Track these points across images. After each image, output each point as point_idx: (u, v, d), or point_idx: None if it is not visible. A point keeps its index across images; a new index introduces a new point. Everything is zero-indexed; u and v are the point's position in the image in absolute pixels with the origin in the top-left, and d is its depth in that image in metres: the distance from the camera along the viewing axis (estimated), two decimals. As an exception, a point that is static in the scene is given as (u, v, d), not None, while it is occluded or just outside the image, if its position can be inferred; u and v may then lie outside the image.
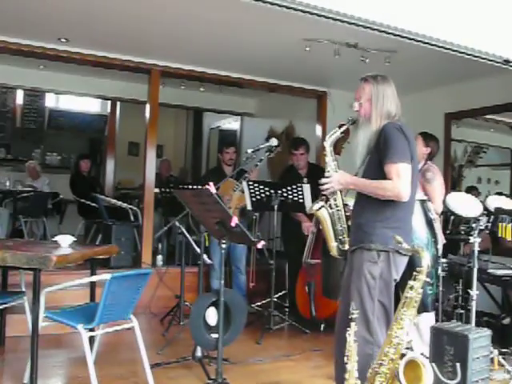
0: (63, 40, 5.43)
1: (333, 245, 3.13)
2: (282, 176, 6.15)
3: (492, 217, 3.71)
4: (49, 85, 8.06)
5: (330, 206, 3.09)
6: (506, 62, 4.03)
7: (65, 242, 3.85)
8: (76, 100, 10.27)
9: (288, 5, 3.19)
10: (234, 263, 5.79)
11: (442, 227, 4.02)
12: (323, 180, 3.02)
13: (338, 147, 4.60)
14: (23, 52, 5.63)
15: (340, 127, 3.09)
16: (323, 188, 3.02)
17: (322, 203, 3.10)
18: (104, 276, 3.17)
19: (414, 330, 3.65)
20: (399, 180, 2.76)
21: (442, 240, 4.17)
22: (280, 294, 5.82)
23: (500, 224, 3.68)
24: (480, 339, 3.10)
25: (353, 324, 2.51)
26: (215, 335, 3.66)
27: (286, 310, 5.71)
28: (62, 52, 5.69)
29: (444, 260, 4.45)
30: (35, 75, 7.61)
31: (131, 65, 6.08)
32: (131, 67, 6.15)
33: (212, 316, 3.81)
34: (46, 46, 5.59)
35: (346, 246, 3.07)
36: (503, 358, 3.99)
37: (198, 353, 4.01)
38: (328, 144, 3.10)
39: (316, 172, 5.59)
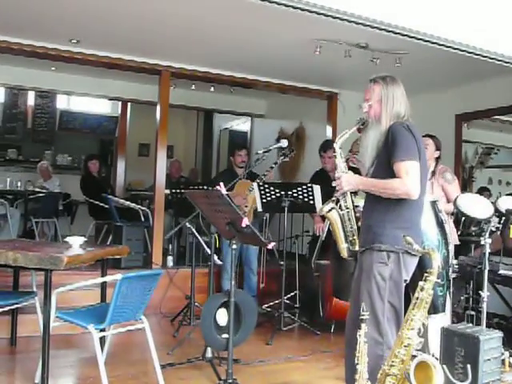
0: (74, 41, 5.47)
1: (343, 246, 3.13)
2: (311, 180, 6.10)
3: (503, 218, 3.69)
4: (60, 86, 8.12)
5: (340, 207, 3.09)
6: (518, 62, 4.02)
7: (76, 242, 3.87)
8: (87, 101, 10.33)
9: (296, 5, 3.20)
10: (247, 264, 5.79)
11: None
12: (334, 182, 3.03)
13: (354, 147, 4.59)
14: (36, 54, 5.67)
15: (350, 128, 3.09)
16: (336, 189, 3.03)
17: (332, 205, 3.10)
18: (115, 276, 3.18)
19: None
20: (408, 177, 2.76)
21: (455, 240, 4.17)
22: (290, 294, 5.82)
23: (511, 225, 3.66)
24: (491, 341, 3.09)
25: (363, 325, 2.51)
26: (226, 336, 3.66)
27: (297, 310, 5.71)
28: (73, 53, 5.73)
29: (455, 261, 4.43)
30: (47, 77, 7.67)
31: (142, 66, 6.11)
32: (142, 68, 6.18)
33: (222, 316, 3.82)
34: (57, 47, 5.62)
35: (356, 247, 3.06)
36: (515, 360, 3.96)
37: (209, 353, 4.03)
38: (338, 145, 3.10)
39: None
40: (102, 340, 3.60)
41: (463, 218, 3.70)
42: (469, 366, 2.94)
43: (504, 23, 3.73)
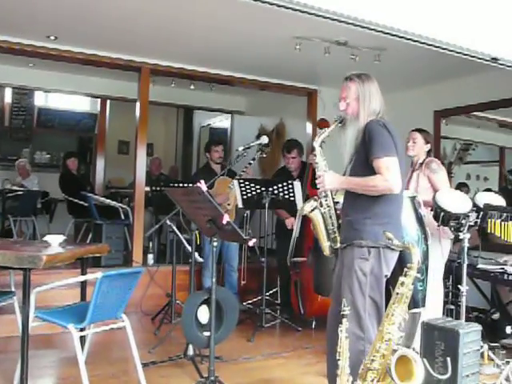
0: (52, 38, 5.40)
1: (326, 245, 3.14)
2: (274, 177, 6.14)
3: (481, 213, 3.73)
4: (38, 83, 8.03)
5: (322, 205, 3.10)
6: (494, 59, 4.05)
7: (55, 241, 3.83)
8: (65, 98, 10.20)
9: (278, 3, 3.19)
10: (227, 261, 5.79)
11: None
12: (316, 181, 3.04)
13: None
14: (12, 50, 5.59)
15: (319, 127, 3.10)
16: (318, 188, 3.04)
17: (314, 204, 3.11)
18: (95, 275, 3.15)
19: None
20: (389, 173, 2.79)
21: (450, 235, 4.18)
22: (271, 291, 5.83)
23: (489, 220, 3.70)
24: (470, 334, 3.13)
25: (344, 320, 2.52)
26: (207, 333, 3.66)
27: (278, 307, 5.73)
28: (51, 50, 5.67)
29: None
30: (24, 73, 7.57)
31: (121, 63, 6.06)
32: (121, 65, 6.13)
33: (204, 314, 3.81)
34: (35, 43, 5.56)
35: (338, 245, 3.08)
36: (493, 353, 4.02)
37: (190, 351, 4.02)
38: (317, 144, 3.11)
39: (305, 170, 5.62)
40: (83, 339, 3.56)
41: (442, 213, 3.73)
42: (449, 359, 2.97)
43: (481, 21, 3.76)
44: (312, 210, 3.11)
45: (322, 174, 3.02)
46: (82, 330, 3.34)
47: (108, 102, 9.15)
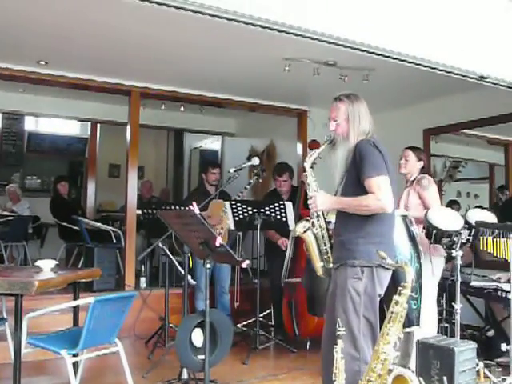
0: (42, 63, 5.41)
1: (318, 265, 3.14)
2: (264, 199, 6.14)
3: (473, 230, 3.74)
4: (28, 108, 8.02)
5: (314, 225, 3.10)
6: (482, 77, 4.10)
7: (47, 266, 3.80)
8: (55, 123, 10.22)
9: (269, 26, 3.23)
10: (219, 283, 5.76)
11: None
12: (308, 202, 3.04)
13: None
14: (2, 75, 5.59)
15: (310, 147, 3.12)
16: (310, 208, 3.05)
17: (307, 225, 3.11)
18: (87, 300, 3.13)
19: None
20: (381, 192, 2.80)
21: (443, 252, 4.18)
22: (265, 313, 5.79)
23: (481, 237, 3.72)
24: (466, 352, 3.12)
25: (340, 341, 2.51)
26: (201, 356, 3.62)
27: (272, 328, 5.69)
28: (42, 75, 5.68)
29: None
30: (14, 98, 7.58)
31: (111, 87, 6.08)
32: (111, 89, 6.15)
33: (198, 337, 3.78)
34: (25, 69, 5.57)
35: (331, 265, 3.08)
36: (489, 371, 4.00)
37: (185, 375, 3.98)
38: (308, 165, 3.13)
39: (296, 194, 5.63)
40: (76, 365, 3.52)
41: (434, 231, 3.74)
42: (445, 377, 2.96)
43: (468, 40, 3.82)
44: (305, 231, 3.12)
45: (313, 194, 3.03)
46: (75, 355, 3.30)
47: (98, 125, 9.15)
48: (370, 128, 3.02)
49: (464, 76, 4.09)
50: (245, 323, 5.72)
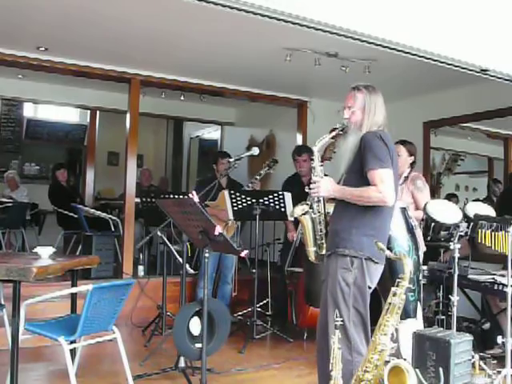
0: (42, 49, 5.40)
1: (311, 249, 3.15)
2: (284, 186, 6.08)
3: (471, 223, 3.75)
4: (27, 94, 8.00)
5: (313, 209, 3.10)
6: (483, 70, 4.10)
7: (45, 253, 3.80)
8: (55, 109, 10.19)
9: (269, 14, 3.21)
10: (223, 271, 5.76)
11: (422, 234, 4.05)
12: (311, 185, 3.04)
13: (327, 152, 4.63)
14: (2, 61, 5.57)
15: (330, 132, 3.11)
16: (311, 192, 3.05)
17: (306, 208, 3.11)
18: (86, 287, 3.13)
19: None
20: (383, 185, 2.80)
21: (422, 247, 4.22)
22: (262, 302, 5.81)
23: (479, 230, 3.72)
24: (461, 344, 3.13)
25: (337, 331, 2.52)
26: (199, 345, 3.64)
27: (269, 318, 5.71)
28: (41, 61, 5.66)
29: (425, 267, 4.49)
30: (13, 84, 7.55)
31: (111, 74, 6.06)
32: (111, 76, 6.13)
33: (196, 326, 3.79)
34: (25, 55, 5.55)
35: (323, 251, 3.08)
36: (484, 363, 4.02)
37: (182, 363, 3.99)
38: (317, 149, 3.11)
39: None
40: (73, 352, 3.53)
41: (433, 224, 3.75)
42: (441, 369, 2.97)
43: (470, 32, 3.81)
44: (303, 214, 3.12)
45: (318, 179, 3.03)
46: (72, 342, 3.31)
47: (98, 113, 9.13)
48: (383, 121, 3.02)
49: (464, 68, 4.08)
50: (242, 313, 5.74)
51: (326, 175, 3.11)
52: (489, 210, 3.99)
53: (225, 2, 3.05)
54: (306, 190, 3.09)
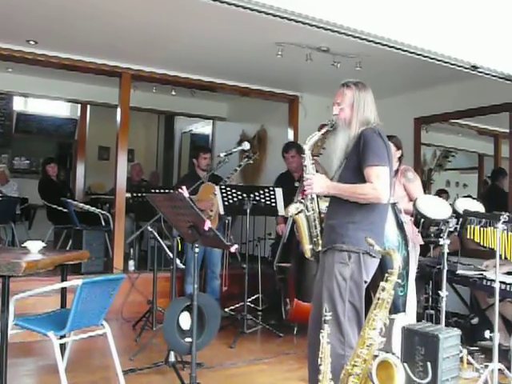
0: (32, 42, 5.36)
1: (307, 247, 3.16)
2: (276, 182, 6.12)
3: (461, 219, 3.77)
4: (17, 88, 7.94)
5: (307, 208, 3.11)
6: (474, 67, 4.11)
7: (34, 247, 3.79)
8: (45, 103, 10.12)
9: (260, 9, 3.21)
10: (210, 267, 5.77)
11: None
12: (304, 183, 3.05)
13: (316, 149, 4.63)
14: (-9, 54, 5.54)
15: (319, 129, 3.10)
16: (305, 189, 3.05)
17: (300, 206, 3.12)
18: (75, 282, 3.12)
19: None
20: (379, 182, 2.81)
21: (420, 241, 4.24)
22: (253, 297, 5.82)
23: (468, 226, 3.75)
24: (450, 339, 3.15)
25: (326, 326, 2.53)
26: (189, 340, 3.64)
27: (259, 313, 5.72)
28: (31, 54, 5.62)
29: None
30: (3, 78, 7.48)
31: (102, 68, 6.03)
32: (102, 70, 6.09)
33: (185, 320, 3.79)
34: (14, 48, 5.50)
35: (319, 248, 3.09)
36: (472, 357, 4.06)
37: (172, 358, 3.99)
38: (308, 147, 3.11)
39: None
40: (63, 347, 3.52)
41: (422, 220, 3.77)
42: (429, 363, 2.99)
43: (461, 29, 3.82)
44: (298, 213, 3.12)
45: (311, 177, 3.03)
46: (62, 337, 3.30)
47: (88, 107, 9.07)
48: (373, 118, 3.02)
49: (455, 65, 4.10)
50: (233, 307, 5.75)
51: (316, 171, 3.11)
52: (478, 206, 4.01)
53: (216, -4, 3.05)
54: (296, 185, 3.10)
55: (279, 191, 5.09)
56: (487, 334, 3.50)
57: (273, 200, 5.12)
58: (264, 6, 3.18)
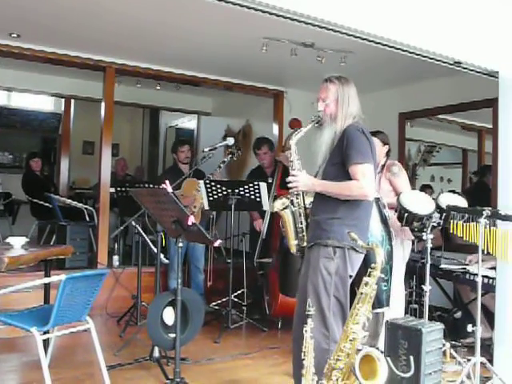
0: (15, 35, 5.29)
1: (293, 243, 3.17)
2: (248, 176, 6.16)
3: (444, 214, 3.80)
4: (0, 82, 7.84)
5: (293, 203, 3.12)
6: (457, 63, 4.13)
7: (17, 243, 3.76)
8: (28, 97, 10.00)
9: (247, 4, 3.19)
10: (193, 262, 5.77)
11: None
12: (289, 178, 3.04)
13: (287, 144, 4.64)
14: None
15: (306, 125, 3.11)
16: (290, 186, 3.05)
17: (286, 202, 3.12)
18: (59, 277, 3.10)
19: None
20: (365, 180, 2.83)
21: (410, 236, 4.24)
22: (238, 292, 5.83)
23: (451, 221, 3.77)
24: (433, 333, 3.18)
25: (309, 320, 2.54)
26: (173, 335, 3.64)
27: (244, 308, 5.73)
28: (14, 48, 5.55)
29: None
30: (-15, 72, 7.40)
31: (86, 62, 5.97)
32: (86, 64, 6.04)
33: (169, 316, 3.79)
34: (-4, 41, 5.45)
35: (305, 243, 3.10)
36: (455, 351, 4.10)
37: (156, 353, 3.99)
38: (293, 143, 3.11)
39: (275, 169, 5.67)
40: (46, 342, 3.50)
41: (406, 214, 3.79)
42: (412, 357, 3.01)
43: (444, 25, 3.83)
44: (284, 209, 3.13)
45: (296, 173, 3.03)
46: (45, 333, 3.27)
47: (72, 101, 8.98)
48: (357, 112, 3.04)
49: (438, 61, 4.11)
50: (217, 302, 5.75)
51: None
52: (461, 201, 4.04)
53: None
54: (270, 181, 3.11)
55: (264, 186, 5.09)
56: (470, 328, 3.53)
57: (257, 195, 5.12)
58: (248, 1, 3.16)
